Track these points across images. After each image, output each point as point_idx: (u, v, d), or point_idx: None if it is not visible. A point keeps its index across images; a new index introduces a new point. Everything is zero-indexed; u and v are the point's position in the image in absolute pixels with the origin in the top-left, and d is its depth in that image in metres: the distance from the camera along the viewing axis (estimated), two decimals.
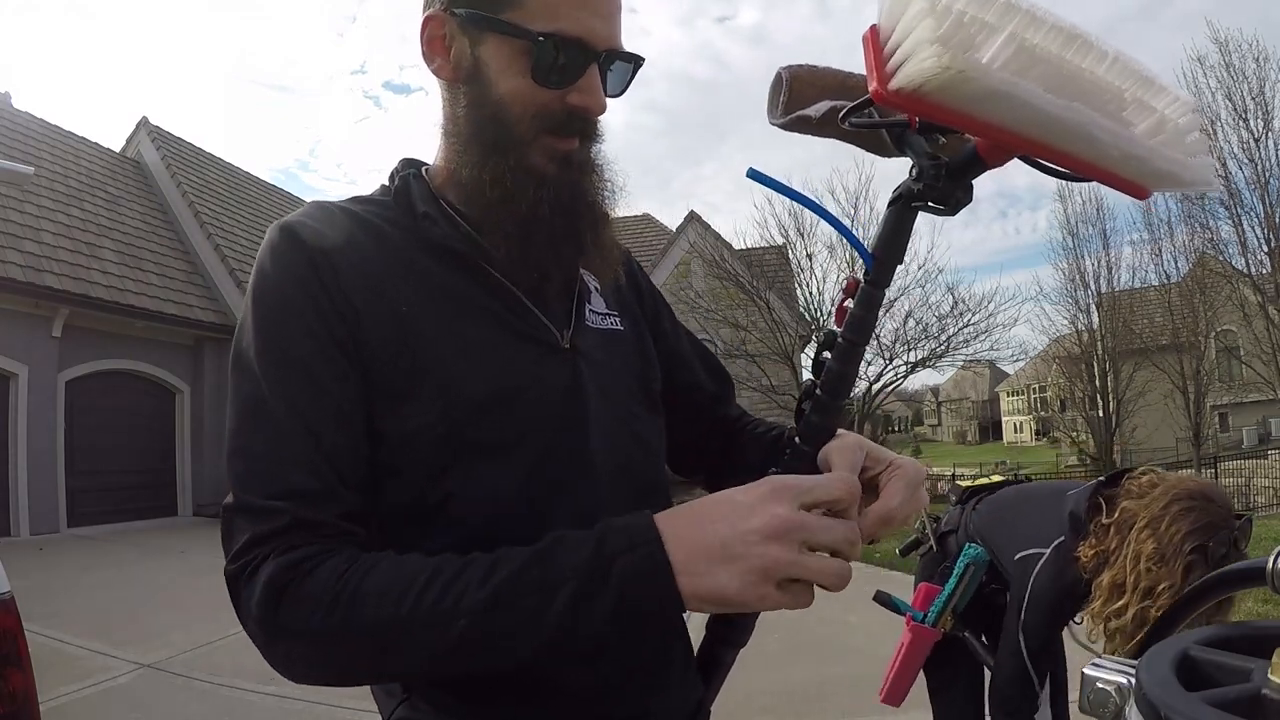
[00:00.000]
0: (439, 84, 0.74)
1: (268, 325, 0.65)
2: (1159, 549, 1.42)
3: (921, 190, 0.60)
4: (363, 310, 0.66)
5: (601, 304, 0.84)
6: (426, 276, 0.70)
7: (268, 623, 0.58)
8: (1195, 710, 0.44)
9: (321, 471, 0.62)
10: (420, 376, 0.66)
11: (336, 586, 0.57)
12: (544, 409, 0.70)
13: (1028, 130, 0.52)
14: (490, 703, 0.68)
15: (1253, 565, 0.58)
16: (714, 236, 16.46)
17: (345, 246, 0.68)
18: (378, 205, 0.75)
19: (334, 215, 0.71)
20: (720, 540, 0.54)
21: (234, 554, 0.61)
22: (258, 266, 0.68)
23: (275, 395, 0.63)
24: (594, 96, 0.70)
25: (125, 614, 5.34)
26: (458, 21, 0.69)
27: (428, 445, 0.65)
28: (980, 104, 0.51)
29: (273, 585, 0.57)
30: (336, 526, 0.62)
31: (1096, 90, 0.55)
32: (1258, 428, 22.81)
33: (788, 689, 3.76)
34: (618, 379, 0.79)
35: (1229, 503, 1.51)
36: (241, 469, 0.63)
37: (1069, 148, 0.53)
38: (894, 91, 0.52)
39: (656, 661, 0.79)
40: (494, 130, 0.70)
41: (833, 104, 0.66)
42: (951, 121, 0.53)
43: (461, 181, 0.72)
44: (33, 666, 2.02)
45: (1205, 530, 1.41)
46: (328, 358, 0.64)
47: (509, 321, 0.72)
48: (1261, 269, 15.26)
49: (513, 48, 0.68)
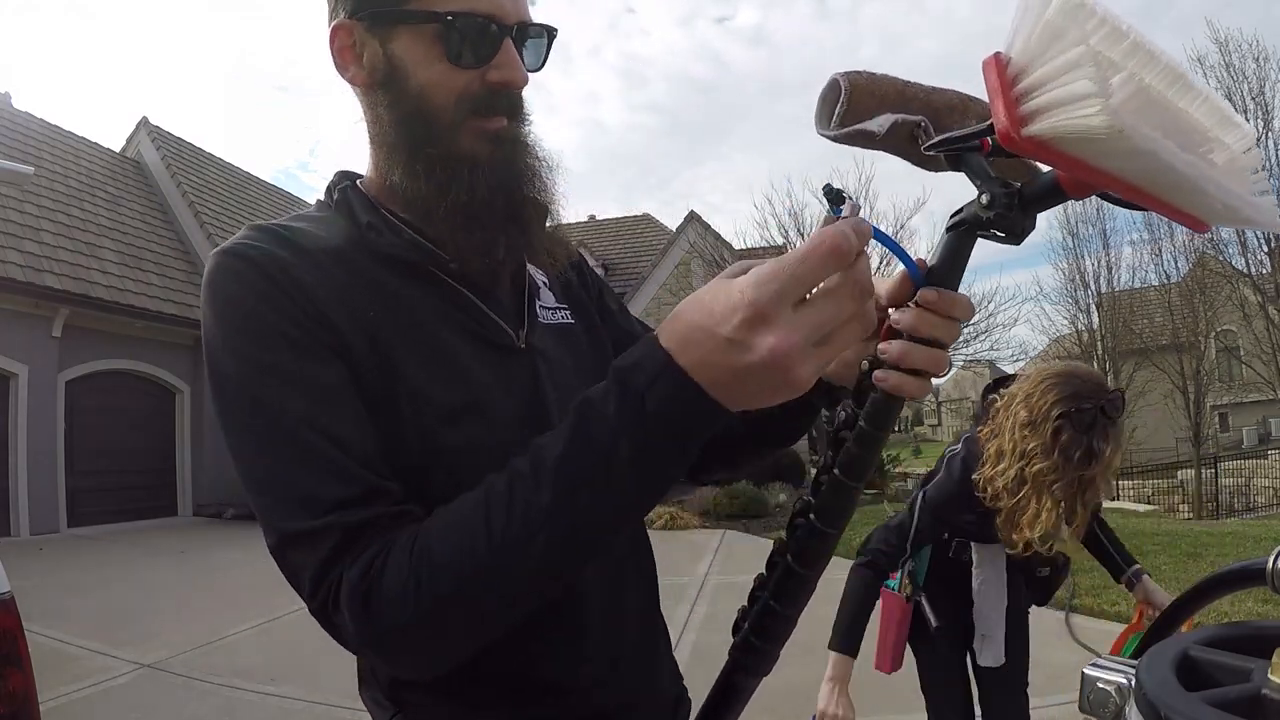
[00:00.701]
0: (357, 93, 0.73)
1: (249, 347, 0.62)
2: (1030, 417, 1.69)
3: (992, 219, 0.55)
4: (335, 319, 0.64)
5: (551, 298, 0.84)
6: (381, 287, 0.69)
7: (369, 633, 0.56)
8: (1195, 710, 0.44)
9: (357, 475, 0.60)
10: (391, 386, 0.65)
11: (411, 570, 0.55)
12: (508, 413, 0.70)
13: (1146, 182, 0.49)
14: (482, 706, 0.68)
15: (1253, 565, 0.58)
16: (714, 236, 16.44)
17: (299, 261, 0.66)
18: (319, 221, 0.73)
19: (278, 233, 0.69)
20: (730, 372, 0.49)
21: (309, 591, 0.59)
22: (213, 295, 0.64)
23: (283, 414, 0.60)
24: (513, 70, 0.70)
25: (125, 614, 5.32)
26: (365, 25, 0.69)
27: (403, 456, 0.64)
28: (1116, 160, 0.47)
29: (355, 600, 0.56)
30: (389, 515, 0.60)
31: (1194, 133, 0.52)
32: (1258, 428, 22.79)
33: (788, 689, 3.76)
34: (574, 374, 0.79)
35: (1098, 380, 1.76)
36: (273, 501, 0.60)
37: (1170, 197, 0.50)
38: (1028, 139, 0.48)
39: (642, 653, 0.80)
40: (419, 124, 0.69)
41: (896, 119, 0.60)
42: (1071, 169, 0.49)
43: (395, 185, 0.71)
44: (33, 666, 2.02)
45: (1069, 400, 1.66)
46: (322, 362, 0.63)
47: (466, 325, 0.72)
48: (1261, 269, 15.26)
49: (424, 36, 0.67)
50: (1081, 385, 1.70)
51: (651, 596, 0.84)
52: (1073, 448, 1.65)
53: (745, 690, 0.65)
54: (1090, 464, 1.65)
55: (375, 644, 0.57)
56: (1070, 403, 1.66)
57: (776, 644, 0.64)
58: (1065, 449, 1.65)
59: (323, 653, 0.68)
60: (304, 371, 0.62)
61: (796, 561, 0.62)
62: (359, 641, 0.57)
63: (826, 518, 0.61)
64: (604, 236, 21.50)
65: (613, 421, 0.52)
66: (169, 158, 13.18)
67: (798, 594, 0.62)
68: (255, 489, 0.61)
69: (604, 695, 0.74)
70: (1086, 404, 1.66)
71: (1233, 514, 13.51)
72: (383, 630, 0.56)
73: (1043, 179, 0.55)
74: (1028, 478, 1.68)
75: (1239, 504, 14.52)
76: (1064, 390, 1.68)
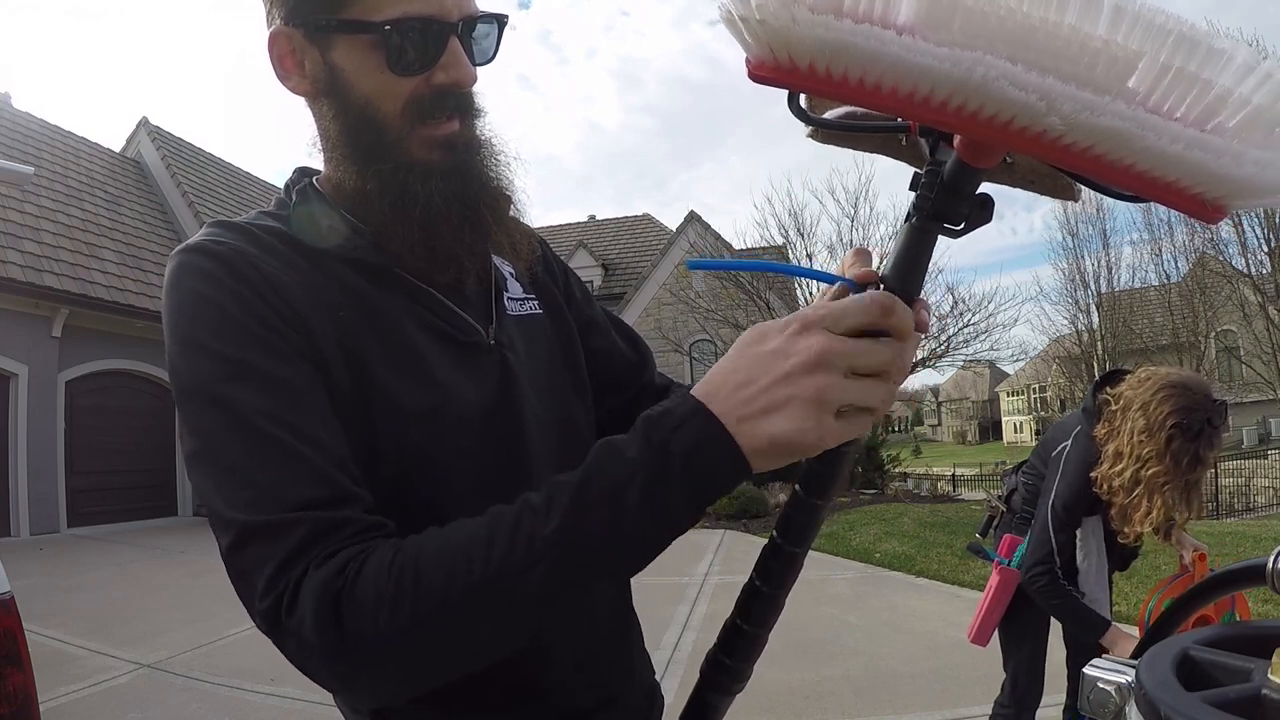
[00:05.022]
0: (305, 102, 0.71)
1: (217, 344, 0.59)
2: (1147, 425, 1.89)
3: (917, 202, 0.52)
4: (308, 318, 0.62)
5: (518, 289, 0.82)
6: (350, 287, 0.67)
7: (332, 643, 0.50)
8: (1195, 710, 0.44)
9: (329, 476, 0.57)
10: (361, 388, 0.63)
11: (393, 575, 0.51)
12: (479, 412, 0.70)
13: (946, 97, 0.43)
14: (459, 712, 0.68)
15: (1253, 565, 0.58)
16: (714, 236, 16.45)
17: (269, 258, 0.64)
18: (284, 219, 0.70)
19: (245, 230, 0.66)
20: (763, 390, 0.50)
21: (263, 590, 0.53)
22: (178, 292, 0.61)
23: (253, 412, 0.57)
24: (460, 70, 0.67)
25: (125, 614, 5.33)
26: (303, 33, 0.66)
27: (375, 459, 0.62)
28: (834, 62, 0.44)
29: (324, 598, 0.51)
30: (364, 521, 0.56)
31: (1082, 50, 0.43)
32: (1258, 428, 22.78)
33: (788, 689, 3.76)
34: (544, 366, 0.78)
35: (1207, 390, 1.92)
36: (235, 497, 0.55)
37: (1060, 135, 0.43)
38: (758, 64, 0.46)
39: (616, 649, 0.80)
40: (367, 135, 0.67)
41: (852, 110, 0.58)
42: (847, 95, 0.46)
43: (349, 193, 0.69)
44: (33, 666, 2.02)
45: (1182, 411, 1.86)
46: (292, 362, 0.60)
47: (435, 325, 0.71)
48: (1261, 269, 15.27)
49: (363, 45, 0.64)
50: (1193, 397, 1.88)
51: (623, 592, 0.83)
52: (1183, 454, 1.85)
53: (717, 707, 0.64)
54: (1197, 469, 1.87)
55: (334, 655, 0.51)
56: (1184, 414, 1.85)
57: (746, 662, 0.62)
58: (1176, 455, 1.85)
59: None
60: (275, 371, 0.59)
61: (760, 579, 0.60)
62: (317, 653, 0.51)
63: (790, 535, 0.59)
64: (604, 236, 21.49)
65: (633, 460, 0.50)
66: (169, 158, 13.19)
67: (765, 612, 0.61)
68: (215, 487, 0.56)
69: (582, 693, 0.74)
70: (1197, 415, 1.85)
71: (1233, 514, 13.51)
72: (347, 639, 0.50)
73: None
74: (1142, 479, 1.88)
75: (1239, 504, 14.52)
76: (1179, 401, 1.87)
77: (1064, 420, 2.31)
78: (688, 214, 17.24)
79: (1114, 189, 0.50)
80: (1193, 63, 0.43)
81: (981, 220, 0.53)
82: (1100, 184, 0.51)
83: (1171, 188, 0.45)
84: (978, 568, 5.92)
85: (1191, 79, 0.43)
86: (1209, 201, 0.45)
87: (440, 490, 0.65)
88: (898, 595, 5.83)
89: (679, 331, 16.61)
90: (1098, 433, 2.04)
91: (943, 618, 5.04)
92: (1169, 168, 0.43)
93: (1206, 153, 0.42)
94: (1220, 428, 1.89)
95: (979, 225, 0.53)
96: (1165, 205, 0.47)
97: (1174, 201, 0.45)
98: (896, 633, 4.84)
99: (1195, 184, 0.44)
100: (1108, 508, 2.02)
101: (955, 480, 22.04)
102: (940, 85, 0.43)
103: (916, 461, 28.43)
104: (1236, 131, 0.43)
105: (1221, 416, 1.88)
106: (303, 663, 0.53)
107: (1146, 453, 1.87)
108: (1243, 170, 0.42)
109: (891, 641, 4.64)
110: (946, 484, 19.62)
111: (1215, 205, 0.45)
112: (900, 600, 5.67)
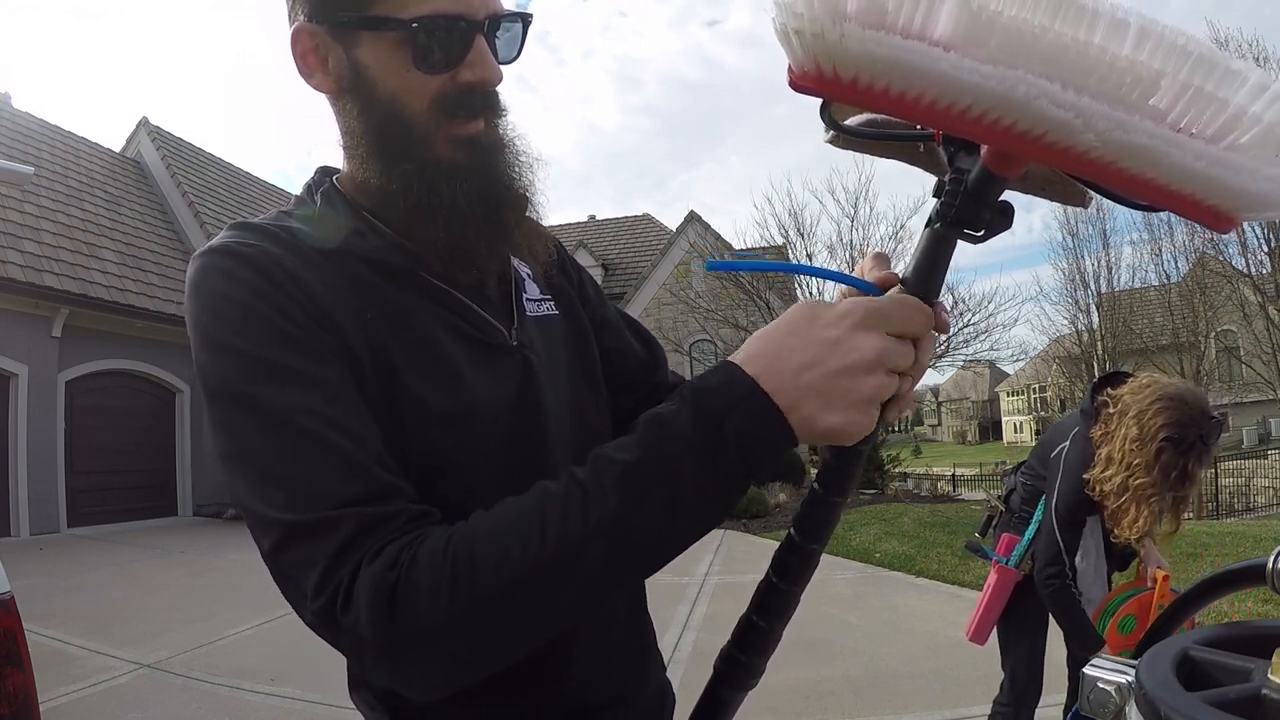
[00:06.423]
0: (327, 99, 0.70)
1: (248, 345, 0.58)
2: (1140, 434, 1.88)
3: (940, 208, 0.53)
4: (338, 319, 0.62)
5: (535, 290, 0.83)
6: (373, 289, 0.66)
7: (389, 637, 0.50)
8: (1195, 710, 0.44)
9: (370, 471, 0.56)
10: (389, 390, 0.63)
11: (448, 564, 0.51)
12: (504, 412, 0.70)
13: (984, 111, 0.44)
14: (473, 706, 0.68)
15: (1253, 565, 0.58)
16: (714, 236, 16.45)
17: (295, 258, 0.63)
18: (306, 219, 0.70)
19: (268, 230, 0.66)
20: (825, 377, 0.51)
21: (315, 586, 0.52)
22: (202, 293, 0.61)
23: (291, 410, 0.56)
24: (486, 69, 0.67)
25: (125, 614, 5.32)
26: (327, 30, 0.65)
27: (403, 461, 0.62)
28: (918, 80, 0.44)
29: (379, 592, 0.50)
30: (411, 510, 0.56)
31: (1111, 70, 0.44)
32: (1258, 428, 22.78)
33: (788, 689, 3.76)
34: (561, 366, 0.79)
35: (1204, 405, 1.92)
36: (276, 496, 0.55)
37: (1081, 150, 0.44)
38: (801, 75, 0.47)
39: (631, 647, 0.81)
40: (392, 135, 0.66)
41: (873, 117, 0.59)
42: (885, 107, 0.47)
43: (372, 191, 0.69)
44: (33, 666, 2.02)
45: (1176, 425, 1.86)
46: (325, 361, 0.60)
47: (459, 327, 0.71)
48: (1261, 269, 15.27)
49: (389, 42, 0.64)
50: (1189, 412, 1.88)
51: (639, 593, 0.84)
52: (1171, 467, 1.85)
53: (730, 703, 0.64)
54: (1184, 484, 1.88)
55: (394, 649, 0.51)
56: (1177, 428, 1.85)
57: (761, 657, 0.63)
58: (1165, 468, 1.84)
59: (323, 653, 0.68)
60: (308, 368, 0.58)
61: (777, 576, 0.61)
62: (374, 646, 0.51)
63: (808, 532, 0.60)
64: (604, 236, 21.50)
65: (687, 438, 0.51)
66: (169, 158, 13.18)
67: (781, 608, 0.61)
68: (251, 487, 0.56)
69: (596, 689, 0.74)
70: (1191, 430, 1.85)
71: (1233, 514, 13.51)
72: (404, 632, 0.50)
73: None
74: (1130, 487, 1.89)
75: (1239, 504, 14.51)
76: (1173, 415, 1.86)
77: (1062, 421, 2.32)
78: (688, 214, 17.24)
79: (1129, 198, 0.51)
80: (1211, 82, 0.45)
81: (1002, 227, 0.54)
82: (1116, 193, 0.52)
83: (1188, 200, 0.46)
84: (978, 568, 5.91)
85: (1209, 98, 0.45)
86: (1222, 213, 0.47)
87: (463, 491, 0.65)
88: (898, 595, 5.83)
89: (679, 331, 16.61)
90: (1094, 434, 2.04)
91: (943, 618, 5.04)
92: (1188, 182, 0.45)
93: (1226, 169, 0.44)
94: (1213, 445, 1.89)
95: (999, 232, 0.54)
96: (1179, 215, 0.49)
97: (1189, 212, 0.48)
98: (896, 633, 4.85)
99: (1211, 197, 0.46)
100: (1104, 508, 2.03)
101: (955, 480, 22.04)
102: (981, 101, 0.44)
103: (916, 461, 28.43)
104: (1250, 148, 0.45)
105: (1215, 434, 1.88)
106: (359, 659, 0.53)
107: (1136, 462, 1.88)
108: (1257, 185, 0.45)
109: (891, 641, 4.64)
110: (946, 484, 19.62)
111: (1228, 216, 0.47)
112: (900, 600, 5.67)
